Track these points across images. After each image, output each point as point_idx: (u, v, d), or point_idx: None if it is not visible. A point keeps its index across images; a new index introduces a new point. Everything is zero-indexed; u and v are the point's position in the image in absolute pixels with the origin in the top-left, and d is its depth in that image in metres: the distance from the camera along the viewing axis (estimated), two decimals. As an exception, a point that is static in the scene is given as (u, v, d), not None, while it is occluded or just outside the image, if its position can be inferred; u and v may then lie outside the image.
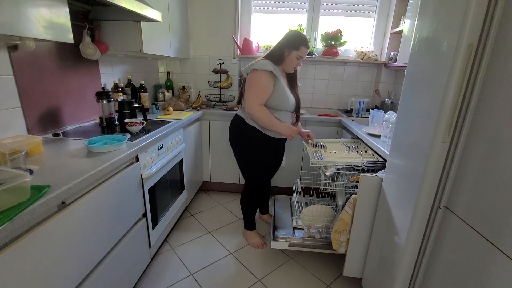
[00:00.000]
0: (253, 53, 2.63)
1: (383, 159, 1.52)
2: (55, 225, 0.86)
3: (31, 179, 0.78)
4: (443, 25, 0.94)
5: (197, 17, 2.62)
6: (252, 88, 1.54)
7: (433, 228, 1.04)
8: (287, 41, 1.58)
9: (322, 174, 1.72)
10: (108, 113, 1.69)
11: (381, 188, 1.35)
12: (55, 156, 1.13)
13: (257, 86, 1.53)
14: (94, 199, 1.04)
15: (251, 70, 1.54)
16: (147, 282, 1.58)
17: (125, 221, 1.29)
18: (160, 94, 2.56)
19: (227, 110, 2.45)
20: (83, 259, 1.01)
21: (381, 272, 1.31)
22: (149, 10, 1.54)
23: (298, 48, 1.56)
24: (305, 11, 2.63)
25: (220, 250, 1.88)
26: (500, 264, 0.77)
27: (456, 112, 0.91)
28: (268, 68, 1.51)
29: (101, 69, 1.90)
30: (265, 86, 1.53)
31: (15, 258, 0.73)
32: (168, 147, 1.73)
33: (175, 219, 2.01)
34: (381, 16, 2.59)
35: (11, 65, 1.25)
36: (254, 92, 1.54)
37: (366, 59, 2.56)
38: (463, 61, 0.86)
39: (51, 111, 1.50)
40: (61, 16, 1.11)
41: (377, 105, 2.72)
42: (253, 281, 1.63)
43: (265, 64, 1.52)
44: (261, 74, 1.52)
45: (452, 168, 0.96)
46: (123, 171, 1.24)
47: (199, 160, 2.49)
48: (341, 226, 1.50)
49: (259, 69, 1.51)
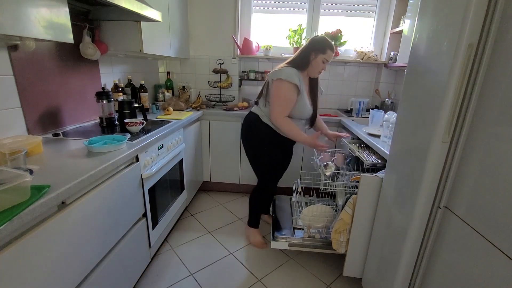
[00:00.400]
0: (253, 53, 2.63)
1: (383, 159, 1.52)
2: (55, 225, 0.86)
3: (31, 179, 0.78)
4: (443, 25, 0.94)
5: (197, 17, 2.62)
6: (278, 99, 1.57)
7: (433, 228, 1.04)
8: (313, 45, 1.60)
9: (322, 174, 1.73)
10: (108, 113, 1.69)
11: (381, 188, 1.35)
12: (55, 156, 1.13)
13: (283, 98, 1.56)
14: (94, 199, 1.04)
15: (277, 78, 1.55)
16: (147, 282, 1.58)
17: (125, 221, 1.29)
18: (160, 94, 2.56)
19: (227, 110, 2.45)
20: (83, 259, 1.01)
21: (381, 272, 1.31)
22: (149, 10, 1.54)
23: (325, 51, 1.59)
24: (305, 11, 2.62)
25: (220, 250, 1.88)
26: (500, 264, 0.77)
27: (456, 112, 0.91)
28: (295, 82, 1.53)
29: (101, 69, 1.90)
30: (290, 98, 1.57)
31: (15, 258, 0.73)
32: (168, 147, 1.73)
33: (175, 219, 2.01)
34: (381, 16, 2.59)
35: (11, 65, 1.25)
36: (279, 104, 1.57)
37: (366, 59, 2.56)
38: (463, 61, 0.86)
39: (51, 111, 1.50)
40: (61, 16, 1.11)
41: (377, 105, 2.72)
42: (253, 281, 1.63)
43: (292, 75, 1.53)
44: (287, 86, 1.54)
45: (452, 168, 0.96)
46: (123, 171, 1.24)
47: (199, 160, 2.49)
48: (341, 226, 1.50)
49: (286, 80, 1.52)
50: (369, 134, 1.79)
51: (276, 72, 1.58)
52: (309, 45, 1.63)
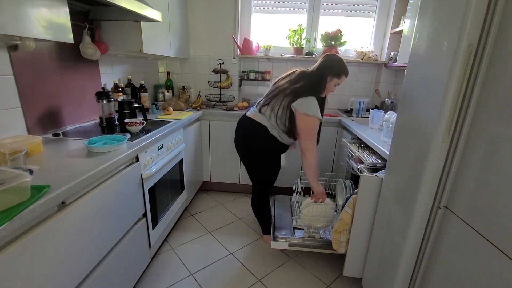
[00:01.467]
0: (253, 53, 2.63)
1: (383, 159, 1.52)
2: (55, 225, 0.86)
3: (31, 179, 0.78)
4: (443, 25, 0.94)
5: (197, 17, 2.62)
6: (309, 133, 1.60)
7: (433, 228, 1.04)
8: (329, 68, 1.58)
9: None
10: (108, 113, 1.69)
11: (381, 188, 1.35)
12: (55, 156, 1.13)
13: (312, 133, 1.61)
14: (94, 199, 1.04)
15: (303, 113, 1.54)
16: (147, 282, 1.58)
17: (125, 221, 1.29)
18: (160, 94, 2.56)
19: (227, 110, 2.45)
20: (83, 259, 1.01)
21: (381, 272, 1.31)
22: (149, 10, 1.54)
23: (340, 77, 1.60)
24: (305, 11, 2.62)
25: (220, 250, 1.88)
26: (500, 264, 0.77)
27: (456, 112, 0.91)
28: (320, 118, 1.57)
29: (101, 69, 1.90)
30: (316, 130, 1.62)
31: (15, 258, 0.73)
32: (168, 147, 1.73)
33: (175, 219, 2.01)
34: (381, 16, 2.59)
35: (11, 65, 1.25)
36: (310, 137, 1.61)
37: (366, 59, 2.56)
38: (463, 61, 0.86)
39: (51, 111, 1.50)
40: (61, 16, 1.11)
41: (377, 105, 2.72)
42: (253, 281, 1.63)
43: (317, 110, 1.54)
44: (314, 121, 1.56)
45: (452, 168, 0.96)
46: (123, 171, 1.24)
47: (199, 160, 2.49)
48: (341, 226, 1.50)
49: (313, 116, 1.53)
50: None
51: (303, 104, 1.53)
52: (325, 66, 1.59)
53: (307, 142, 1.62)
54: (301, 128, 1.60)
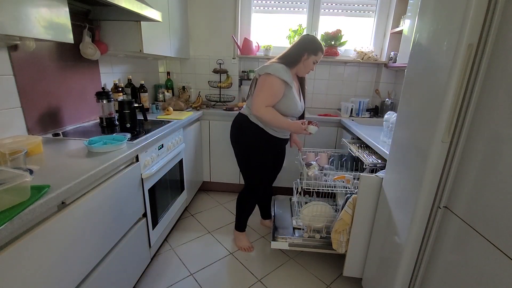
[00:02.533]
0: (253, 53, 2.63)
1: (383, 159, 1.52)
2: (55, 225, 0.86)
3: (31, 179, 0.78)
4: (443, 25, 0.94)
5: (197, 17, 2.62)
6: (262, 91, 1.53)
7: (433, 228, 1.04)
8: (305, 45, 1.58)
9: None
10: (108, 113, 1.69)
11: (381, 188, 1.35)
12: (55, 156, 1.13)
13: (267, 90, 1.52)
14: (94, 199, 1.04)
15: (264, 73, 1.52)
16: (147, 282, 1.58)
17: (125, 221, 1.29)
18: (160, 94, 2.56)
19: (227, 110, 2.45)
20: (83, 259, 1.01)
21: (381, 272, 1.31)
22: (149, 10, 1.54)
23: (317, 53, 1.58)
24: (305, 11, 2.62)
25: (220, 250, 1.88)
26: (500, 264, 0.77)
27: (456, 112, 0.91)
28: (283, 77, 1.49)
29: (101, 69, 1.90)
30: (275, 91, 1.52)
31: (15, 258, 0.73)
32: (168, 147, 1.73)
33: (175, 219, 2.01)
34: (381, 16, 2.59)
35: (11, 65, 1.25)
36: (263, 95, 1.53)
37: (366, 59, 2.56)
38: (463, 61, 0.86)
39: (51, 111, 1.50)
40: (61, 16, 1.11)
41: (377, 105, 2.72)
42: (253, 281, 1.63)
43: (279, 70, 1.50)
44: (273, 79, 1.50)
45: (452, 168, 0.96)
46: (123, 171, 1.24)
47: (199, 160, 2.49)
48: (341, 226, 1.50)
49: (273, 74, 1.49)
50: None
51: (264, 67, 1.55)
52: (302, 44, 1.59)
53: (256, 101, 1.53)
54: (256, 88, 1.55)
